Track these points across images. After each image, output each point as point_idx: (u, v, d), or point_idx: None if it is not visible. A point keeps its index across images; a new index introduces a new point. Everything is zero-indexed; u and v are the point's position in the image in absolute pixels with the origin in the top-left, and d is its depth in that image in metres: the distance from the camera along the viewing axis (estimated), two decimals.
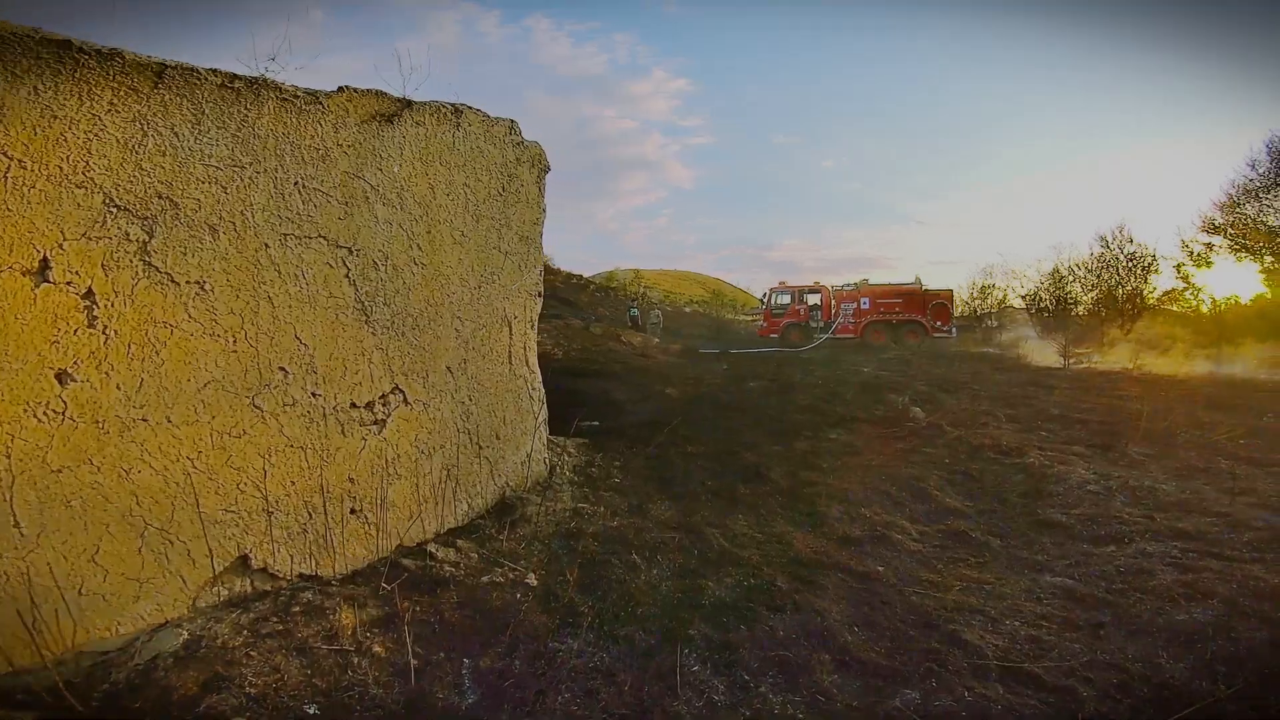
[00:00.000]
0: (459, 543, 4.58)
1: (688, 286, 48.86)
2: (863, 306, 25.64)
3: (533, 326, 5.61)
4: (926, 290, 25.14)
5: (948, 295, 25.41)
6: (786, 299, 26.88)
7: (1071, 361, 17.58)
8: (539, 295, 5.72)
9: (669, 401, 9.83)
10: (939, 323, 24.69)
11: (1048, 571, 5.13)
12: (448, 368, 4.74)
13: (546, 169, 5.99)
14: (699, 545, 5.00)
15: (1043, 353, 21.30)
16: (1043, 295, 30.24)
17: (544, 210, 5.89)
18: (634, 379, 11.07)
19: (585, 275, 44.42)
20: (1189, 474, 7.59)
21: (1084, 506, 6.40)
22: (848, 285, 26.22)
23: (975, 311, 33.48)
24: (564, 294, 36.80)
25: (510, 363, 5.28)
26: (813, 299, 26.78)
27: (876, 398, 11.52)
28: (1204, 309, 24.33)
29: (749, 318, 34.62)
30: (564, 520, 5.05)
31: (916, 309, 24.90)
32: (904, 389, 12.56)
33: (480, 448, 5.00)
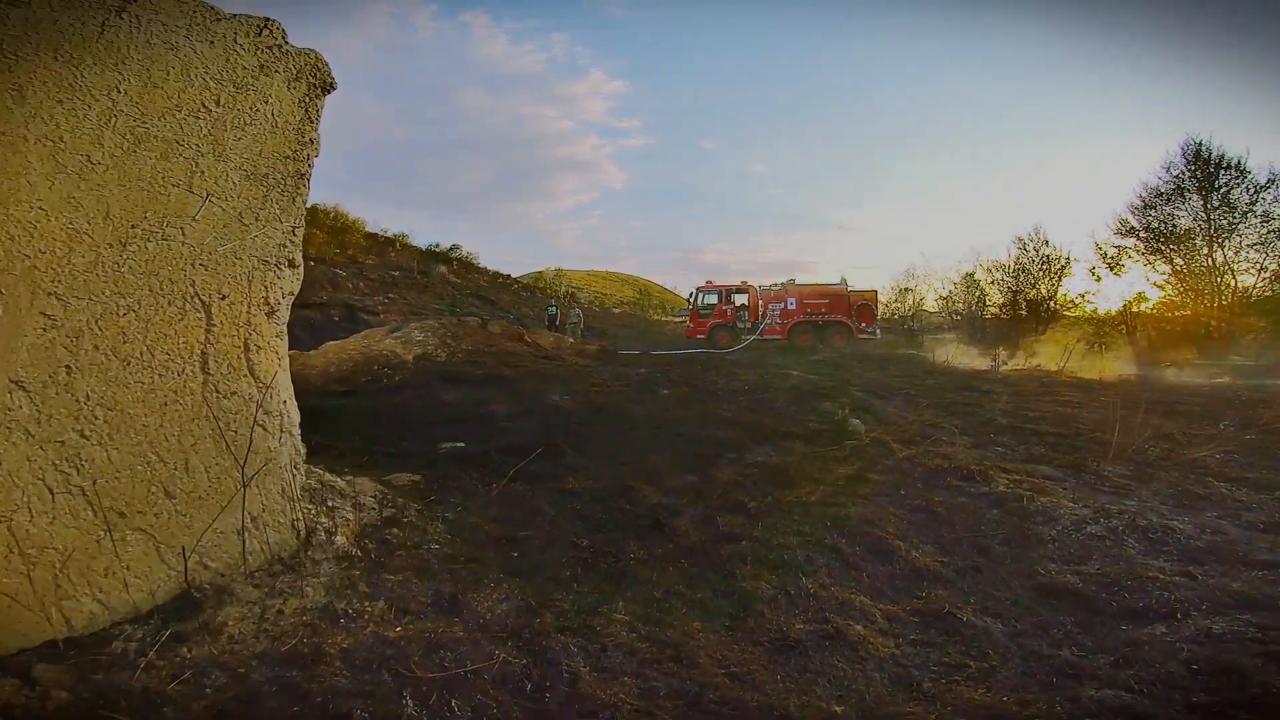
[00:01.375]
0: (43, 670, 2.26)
1: (617, 288, 46.77)
2: (789, 307, 24.09)
3: (274, 313, 3.28)
4: (852, 291, 23.79)
5: (872, 296, 24.15)
6: (713, 299, 25.08)
7: (998, 365, 16.31)
8: (291, 266, 3.41)
9: (562, 415, 7.62)
10: (864, 324, 23.36)
11: (1089, 681, 3.18)
12: (16, 382, 2.38)
13: (326, 87, 3.70)
14: (539, 684, 2.80)
15: (964, 355, 20.20)
16: (956, 299, 29.57)
17: (313, 143, 3.59)
18: (525, 386, 8.81)
19: (514, 275, 41.82)
20: (1192, 503, 5.91)
21: (1094, 559, 4.54)
22: (775, 285, 24.63)
23: (894, 314, 32.60)
24: (487, 293, 34.11)
25: (206, 371, 2.95)
26: (740, 299, 25.06)
27: (809, 406, 9.62)
28: (1099, 313, 23.86)
29: (678, 319, 32.70)
30: (288, 633, 2.77)
31: (842, 310, 23.51)
32: (838, 395, 10.74)
33: (122, 514, 2.65)
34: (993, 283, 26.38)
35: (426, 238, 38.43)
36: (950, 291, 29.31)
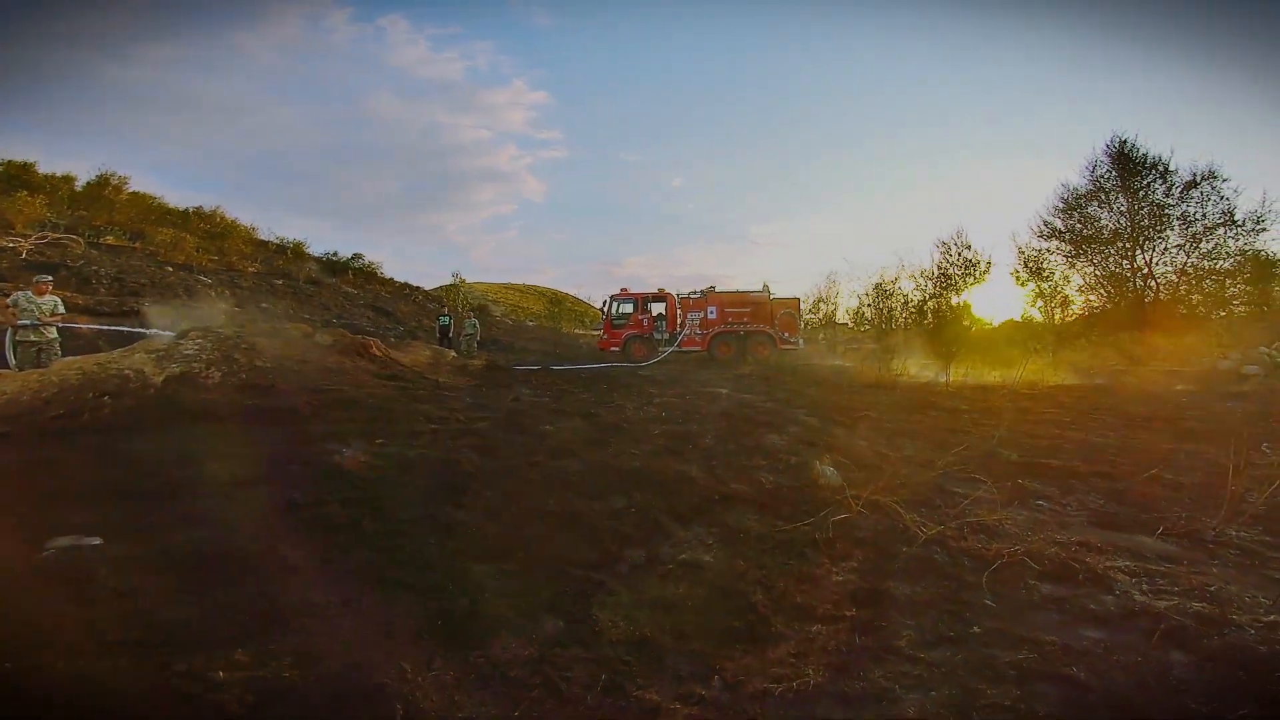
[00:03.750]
0: None
1: (534, 301, 42.82)
2: (709, 316, 21.04)
3: None
4: (774, 299, 21.03)
5: (794, 304, 21.46)
6: (629, 308, 21.72)
7: (946, 377, 13.70)
8: None
9: (334, 484, 3.99)
10: (787, 334, 20.62)
11: None
12: None
13: None
14: None
15: (889, 366, 17.73)
16: (865, 310, 27.46)
17: None
18: (312, 428, 5.16)
19: (424, 287, 37.33)
20: None
21: None
22: (694, 293, 21.56)
23: (806, 325, 30.12)
24: (386, 304, 29.70)
25: None
26: (657, 308, 21.85)
27: (751, 442, 6.38)
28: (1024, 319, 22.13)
29: (595, 331, 29.13)
30: None
31: (765, 319, 20.68)
32: (784, 423, 7.56)
33: None
34: (916, 288, 24.27)
35: (332, 247, 33.56)
36: (857, 306, 27.17)
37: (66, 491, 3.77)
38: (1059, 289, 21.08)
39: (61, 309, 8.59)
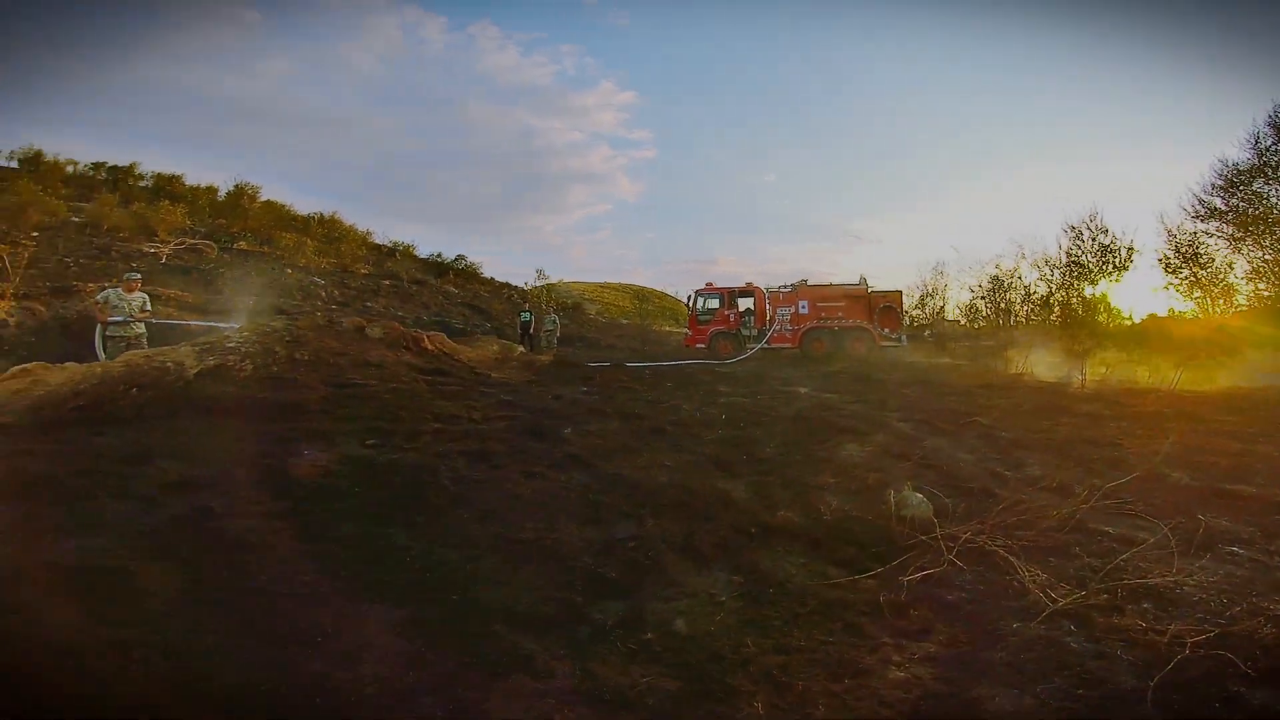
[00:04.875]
0: None
1: (628, 300, 42.42)
2: (801, 311, 19.35)
3: None
4: (873, 291, 19.00)
5: (896, 298, 19.28)
6: (715, 303, 20.44)
7: (1081, 377, 11.40)
8: None
9: (277, 485, 3.23)
10: (887, 329, 18.55)
11: None
12: None
13: None
14: None
15: (1009, 364, 15.29)
16: (979, 303, 24.35)
17: None
18: (317, 424, 4.51)
19: (523, 286, 37.93)
20: None
21: None
22: (784, 287, 19.95)
23: (913, 322, 27.08)
24: (483, 303, 30.26)
25: None
26: (745, 303, 20.44)
27: (821, 453, 5.13)
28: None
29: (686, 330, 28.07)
30: None
31: (862, 313, 18.71)
32: (868, 430, 6.19)
33: None
34: (1041, 278, 21.22)
35: (439, 249, 34.89)
36: (970, 301, 24.11)
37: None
38: (1221, 276, 17.53)
39: (149, 306, 8.74)
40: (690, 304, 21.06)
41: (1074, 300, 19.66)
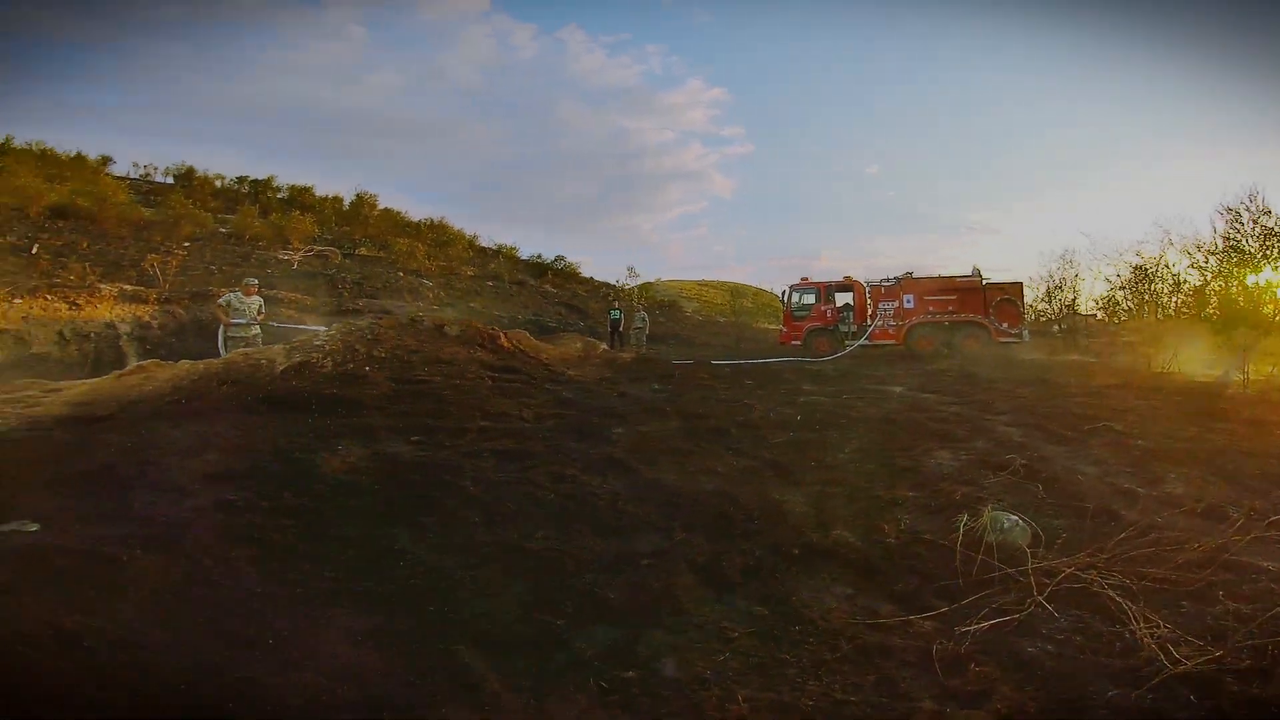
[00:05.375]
0: None
1: (725, 297, 41.59)
2: (906, 305, 17.87)
3: None
4: (989, 283, 17.19)
5: (1017, 290, 17.31)
6: (811, 299, 19.38)
7: (1241, 377, 9.57)
8: None
9: (302, 481, 3.17)
10: (1006, 324, 16.70)
11: None
12: None
13: None
14: None
15: (1151, 361, 13.14)
16: (1118, 295, 21.27)
17: None
18: (368, 420, 4.52)
19: (622, 285, 38.22)
20: None
21: None
22: (887, 280, 18.54)
23: (1040, 316, 24.18)
24: (580, 302, 30.79)
25: None
26: (843, 298, 19.24)
27: (901, 461, 4.49)
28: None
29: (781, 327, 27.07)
30: None
31: (977, 307, 16.96)
32: (967, 436, 5.41)
33: None
34: (1193, 265, 18.40)
35: (540, 250, 35.99)
36: (1107, 294, 21.17)
37: (60, 475, 3.45)
38: None
39: (264, 309, 9.43)
40: (784, 300, 20.15)
41: (1234, 290, 16.82)
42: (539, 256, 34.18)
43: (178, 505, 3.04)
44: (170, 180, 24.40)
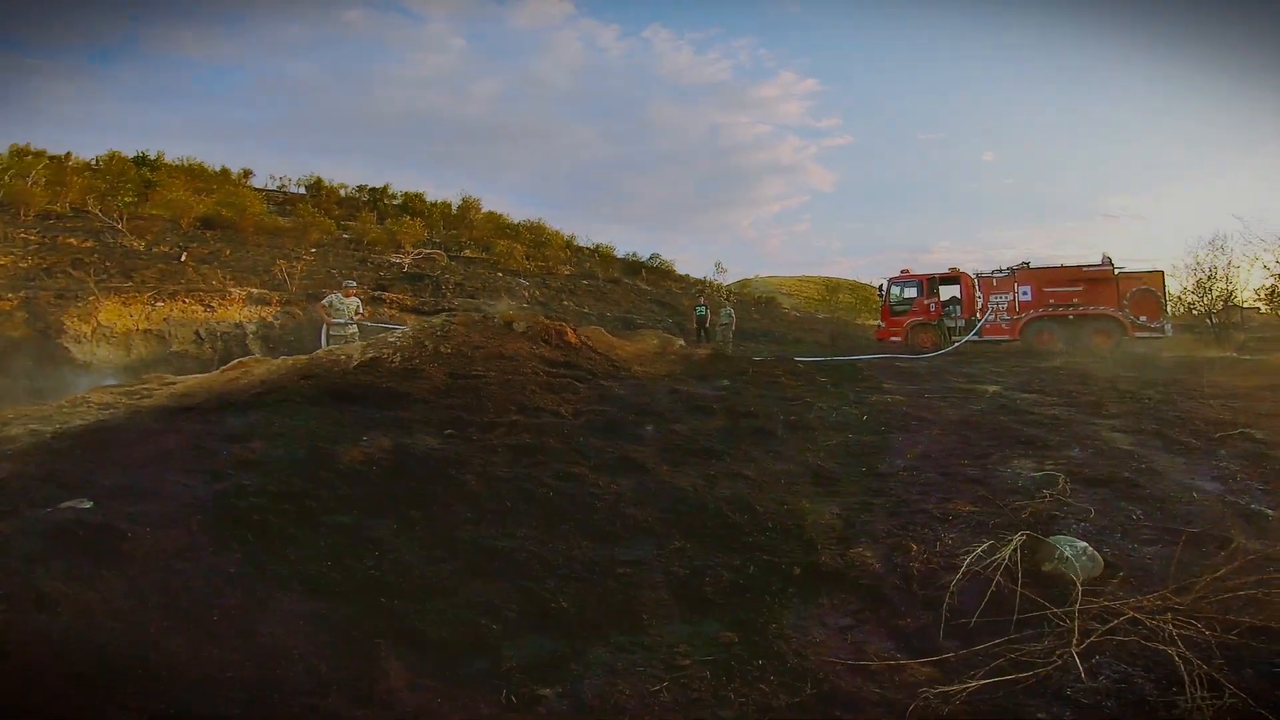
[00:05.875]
0: None
1: (830, 293, 39.85)
2: (1023, 298, 16.17)
3: None
4: (1123, 273, 15.15)
5: (1156, 279, 15.11)
6: (913, 292, 18.04)
7: None
8: None
9: (319, 470, 3.24)
10: (1143, 317, 14.64)
11: None
12: None
13: None
14: None
15: None
16: None
17: None
18: (418, 413, 4.63)
19: (720, 283, 37.70)
20: None
21: None
22: (999, 271, 16.87)
23: (1189, 308, 20.71)
24: (671, 299, 30.68)
25: None
26: (948, 291, 17.76)
27: (975, 471, 3.93)
28: None
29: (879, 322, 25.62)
30: None
31: (1108, 299, 15.00)
32: (1061, 442, 4.68)
33: None
34: None
35: (637, 248, 36.32)
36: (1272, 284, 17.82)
37: (131, 458, 3.77)
38: None
39: (362, 309, 10.10)
40: (882, 294, 18.89)
41: None
42: (633, 255, 34.41)
43: (207, 488, 3.20)
44: (302, 190, 26.82)
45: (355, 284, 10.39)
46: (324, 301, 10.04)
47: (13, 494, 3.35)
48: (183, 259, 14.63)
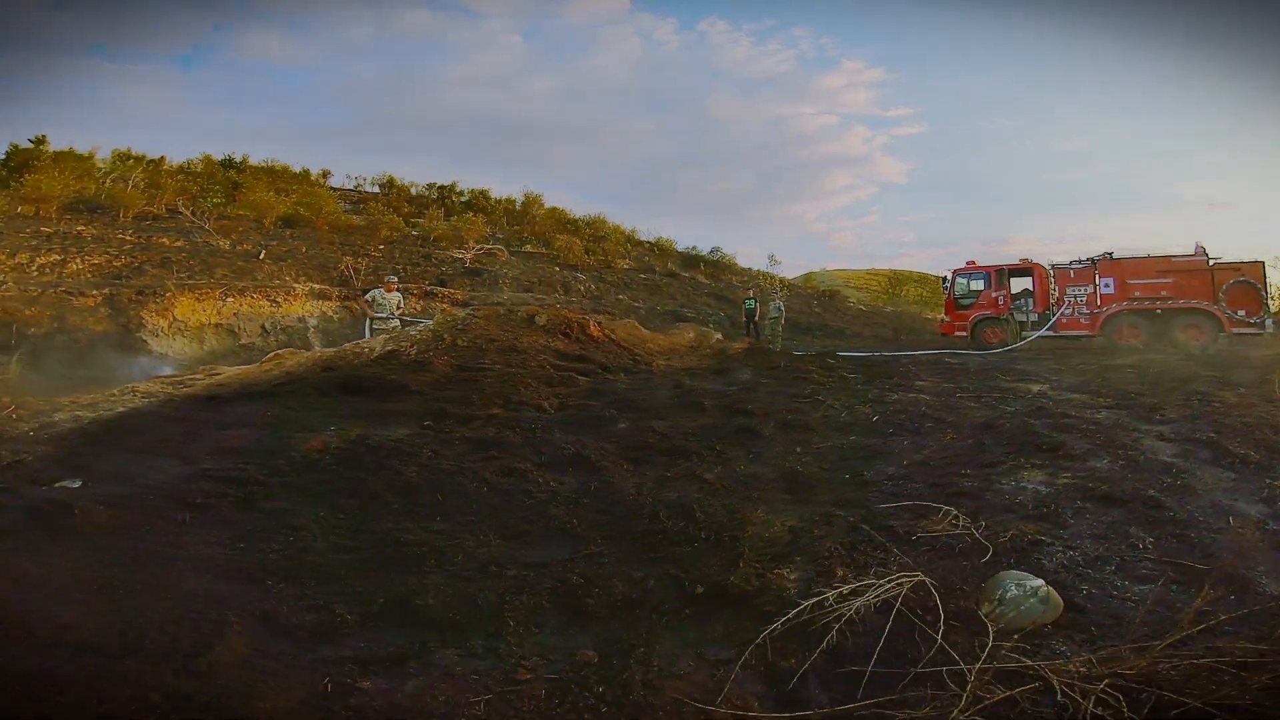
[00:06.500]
0: None
1: (894, 286, 38.03)
2: (1105, 290, 14.73)
3: None
4: (1217, 264, 13.50)
5: (1256, 270, 13.38)
6: (980, 284, 16.81)
7: None
8: None
9: (275, 459, 3.31)
10: (1241, 312, 12.99)
11: None
12: None
13: None
14: None
15: None
16: None
17: None
18: (382, 401, 4.68)
19: (785, 276, 36.75)
20: None
21: None
22: (1077, 262, 15.44)
23: None
24: (729, 293, 30.14)
25: None
26: (1019, 283, 16.45)
27: (967, 483, 3.54)
28: None
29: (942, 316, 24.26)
30: None
31: (1200, 292, 13.42)
32: (1087, 449, 4.15)
33: None
34: None
35: (699, 242, 35.86)
36: None
37: (139, 443, 3.99)
38: None
39: (403, 304, 10.44)
40: (947, 286, 17.72)
41: None
42: (693, 249, 34.00)
43: (174, 470, 3.32)
44: (376, 189, 28.08)
45: (396, 279, 10.72)
46: (367, 296, 10.43)
47: (26, 474, 3.59)
48: (261, 257, 15.60)
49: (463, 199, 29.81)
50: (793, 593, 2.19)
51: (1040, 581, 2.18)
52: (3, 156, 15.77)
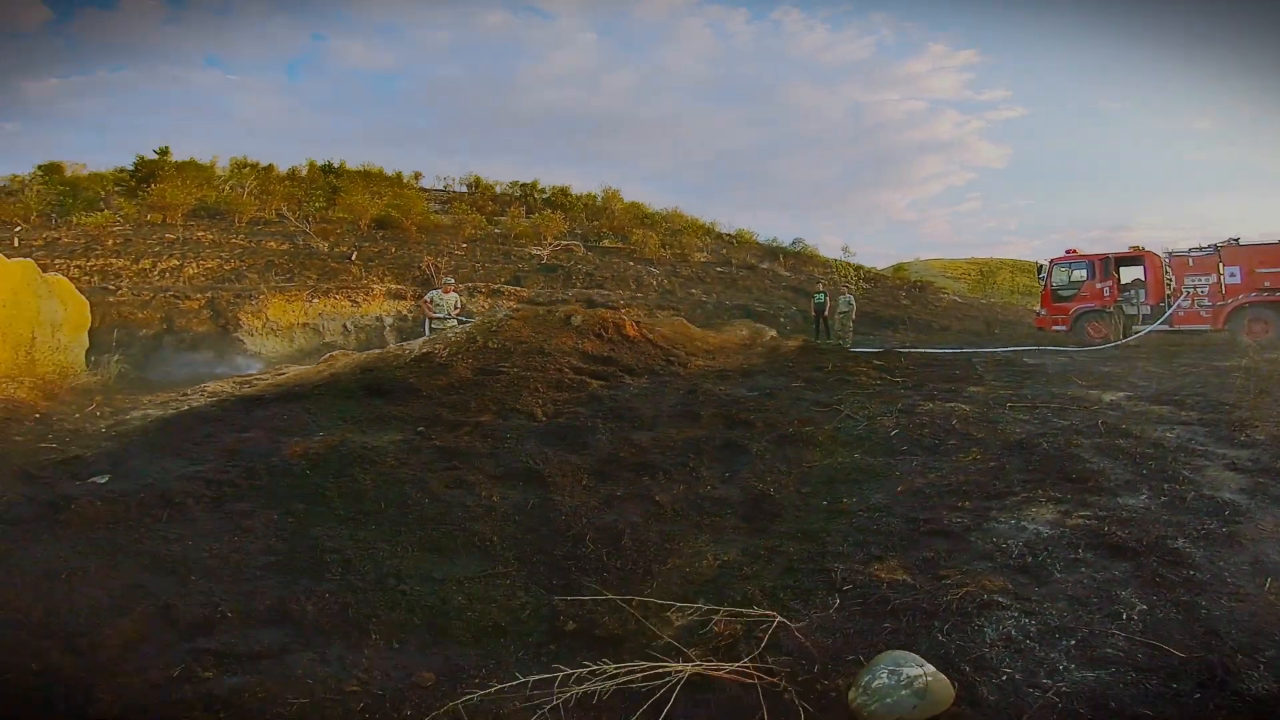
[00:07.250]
0: None
1: (985, 276, 35.07)
2: (1230, 280, 12.78)
3: None
4: None
5: None
6: (1082, 274, 15.08)
7: None
8: None
9: (254, 462, 3.53)
10: None
11: None
12: None
13: None
14: None
15: None
16: None
17: None
18: (390, 405, 4.84)
19: (875, 267, 34.88)
20: None
21: None
22: (1198, 249, 13.46)
23: None
24: (810, 285, 28.99)
25: None
26: (1129, 273, 14.61)
27: (958, 519, 3.18)
28: None
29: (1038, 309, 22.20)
30: None
31: None
32: (1127, 480, 3.57)
33: None
34: None
35: (779, 233, 34.78)
36: None
37: (179, 442, 4.37)
38: None
39: (459, 304, 10.87)
40: (1044, 276, 16.02)
41: None
42: (774, 240, 32.97)
43: (176, 470, 3.62)
44: (464, 189, 29.35)
45: (453, 281, 11.19)
46: (426, 297, 10.93)
47: (74, 469, 4.00)
48: (353, 258, 16.74)
49: (544, 196, 30.52)
50: (663, 643, 2.01)
51: (922, 669, 1.84)
52: (131, 167, 17.84)
